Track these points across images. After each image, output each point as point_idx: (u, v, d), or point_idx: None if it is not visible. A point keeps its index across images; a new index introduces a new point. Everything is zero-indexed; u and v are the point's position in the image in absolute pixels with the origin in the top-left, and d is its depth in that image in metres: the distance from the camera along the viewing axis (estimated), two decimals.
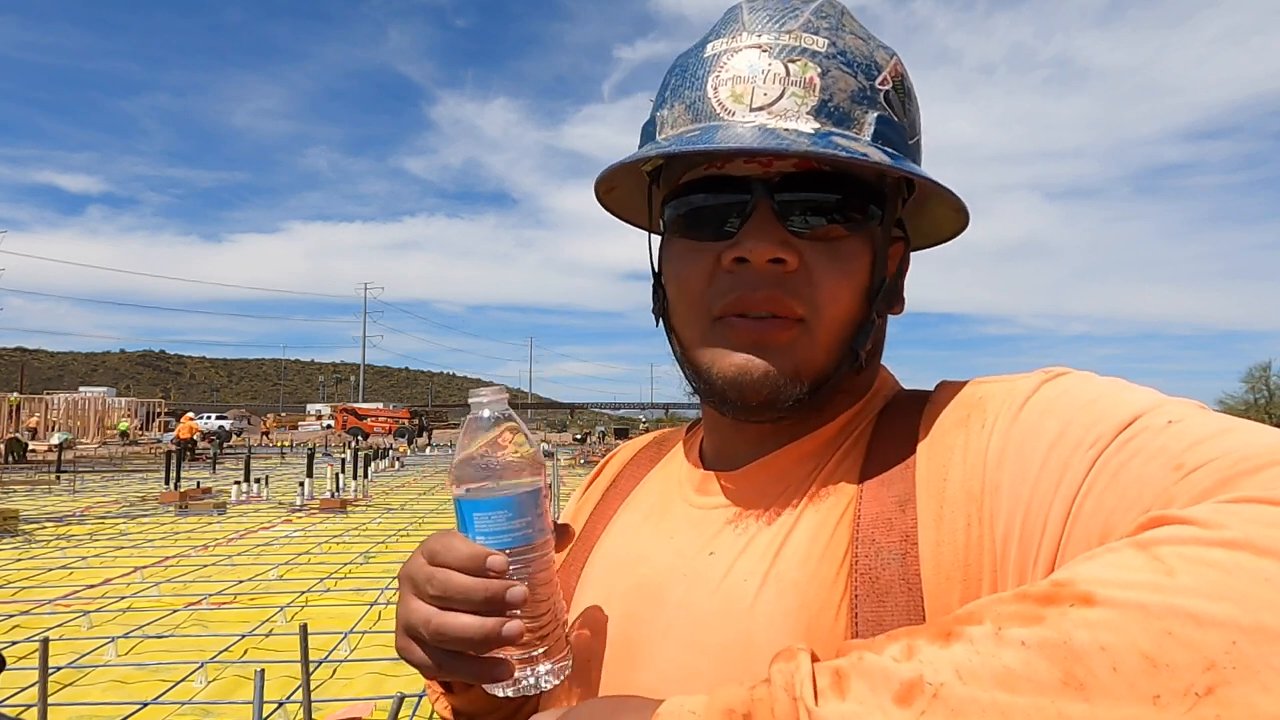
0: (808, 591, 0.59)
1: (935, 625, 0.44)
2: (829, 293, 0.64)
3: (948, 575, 0.55)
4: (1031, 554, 0.52)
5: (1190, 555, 0.39)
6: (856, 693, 0.42)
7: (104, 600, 7.32)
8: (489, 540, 0.58)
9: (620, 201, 0.80)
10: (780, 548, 0.62)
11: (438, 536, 0.61)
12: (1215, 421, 0.50)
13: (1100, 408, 0.55)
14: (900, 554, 0.57)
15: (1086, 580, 0.41)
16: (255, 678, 3.73)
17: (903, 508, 0.59)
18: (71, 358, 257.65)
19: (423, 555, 0.61)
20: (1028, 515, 0.53)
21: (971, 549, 0.55)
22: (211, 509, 13.82)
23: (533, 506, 0.60)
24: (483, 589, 0.57)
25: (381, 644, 6.04)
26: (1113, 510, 0.49)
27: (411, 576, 0.61)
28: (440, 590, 0.57)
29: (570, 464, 27.60)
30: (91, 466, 24.36)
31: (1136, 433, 0.51)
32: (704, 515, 0.69)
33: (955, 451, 0.60)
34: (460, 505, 0.61)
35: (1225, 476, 0.44)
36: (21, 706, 4.69)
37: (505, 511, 0.59)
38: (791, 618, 0.58)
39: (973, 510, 0.56)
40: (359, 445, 31.73)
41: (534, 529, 0.60)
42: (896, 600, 0.56)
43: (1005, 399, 0.60)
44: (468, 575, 0.57)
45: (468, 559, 0.58)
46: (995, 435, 0.58)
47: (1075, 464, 0.52)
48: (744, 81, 0.63)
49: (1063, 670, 0.38)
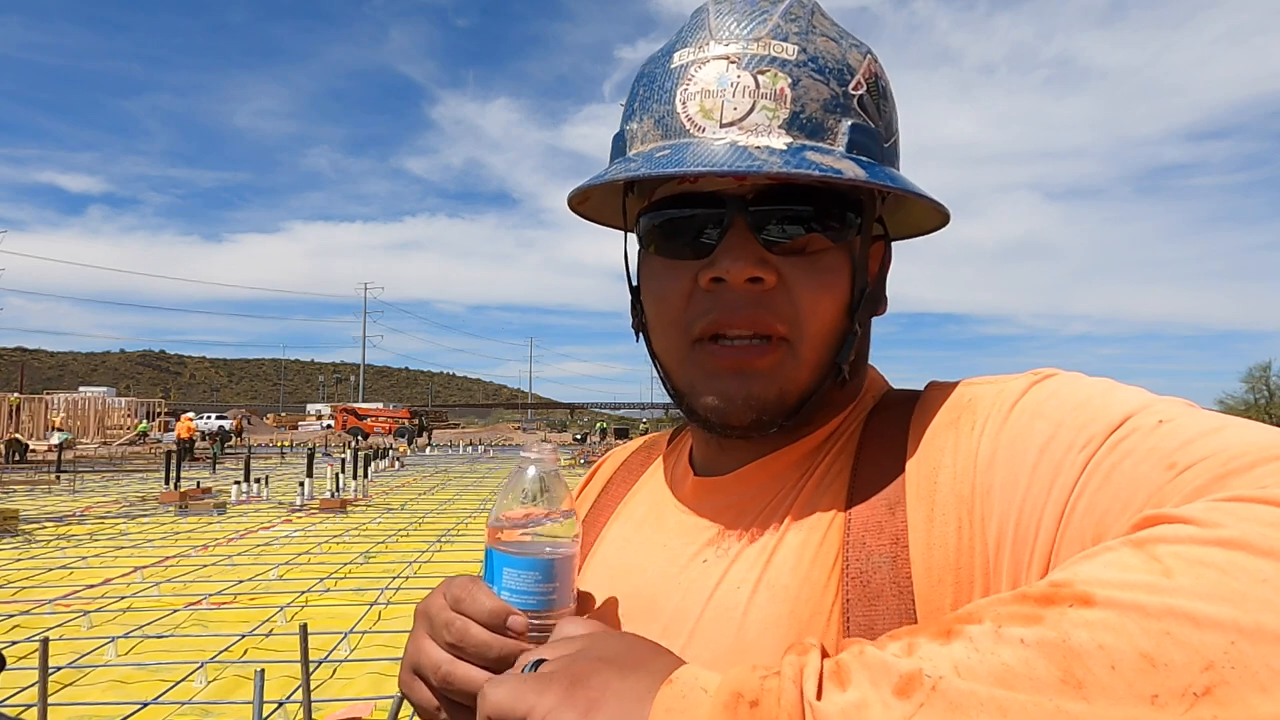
0: (799, 597, 0.59)
1: (936, 624, 0.45)
2: (810, 308, 0.63)
3: (939, 578, 0.55)
4: (1025, 557, 0.52)
5: (1187, 555, 0.40)
6: (857, 684, 0.42)
7: (104, 600, 7.32)
8: (513, 598, 0.58)
9: (595, 207, 0.79)
10: (771, 554, 0.62)
11: (463, 582, 0.61)
12: (1206, 420, 0.50)
13: (1091, 409, 0.54)
14: (891, 557, 0.57)
15: (1085, 580, 0.41)
16: (255, 678, 3.74)
17: (893, 511, 0.59)
18: (71, 358, 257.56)
19: (444, 596, 0.60)
20: (1020, 518, 0.53)
21: (963, 551, 0.55)
22: (211, 509, 13.82)
23: (563, 573, 0.60)
24: (499, 647, 0.56)
25: (381, 644, 6.04)
26: (1106, 511, 0.49)
27: (429, 616, 0.60)
28: (456, 639, 0.57)
29: (570, 464, 27.59)
30: (91, 466, 24.38)
31: (1128, 433, 0.51)
32: (695, 523, 0.69)
33: (945, 454, 0.60)
34: (491, 556, 0.60)
35: (1218, 475, 0.45)
36: (21, 706, 4.69)
37: (535, 574, 0.58)
38: (783, 624, 0.58)
39: (963, 513, 0.56)
40: (359, 445, 31.76)
41: (559, 595, 0.59)
42: (888, 603, 0.56)
43: (994, 401, 0.60)
44: (486, 630, 0.57)
45: (489, 614, 0.57)
46: (985, 438, 0.58)
47: (1067, 466, 0.52)
48: (713, 96, 0.61)
49: (1061, 669, 0.38)
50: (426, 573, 8.62)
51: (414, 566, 8.87)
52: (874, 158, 0.63)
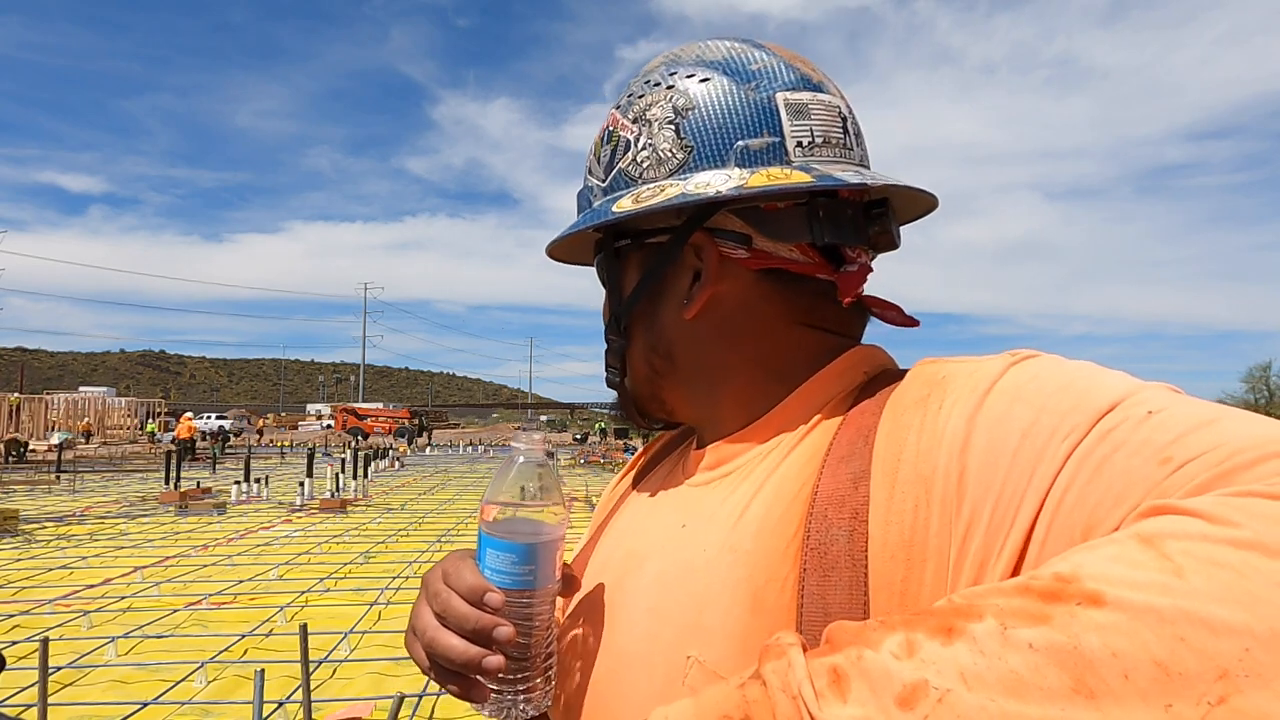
0: (758, 563, 0.59)
1: (933, 616, 0.43)
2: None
3: (892, 555, 0.54)
4: (997, 544, 0.50)
5: (1199, 554, 0.39)
6: (858, 695, 0.41)
7: (104, 600, 7.32)
8: (493, 576, 0.63)
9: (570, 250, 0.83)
10: (738, 519, 0.64)
11: (455, 557, 0.67)
12: (1197, 410, 0.48)
13: (1074, 394, 0.52)
14: (849, 530, 0.57)
15: (1093, 576, 0.40)
16: (255, 678, 3.73)
17: (856, 485, 0.58)
18: (71, 358, 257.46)
19: (441, 568, 0.66)
20: (997, 505, 0.51)
21: (917, 529, 0.54)
22: (211, 509, 13.82)
23: (543, 556, 0.64)
24: (474, 620, 0.61)
25: (381, 644, 6.04)
26: (1097, 504, 0.47)
27: (427, 584, 0.67)
28: (440, 609, 0.63)
29: (570, 464, 27.58)
30: (91, 466, 24.37)
31: (1116, 423, 0.49)
32: (686, 490, 0.72)
33: (911, 431, 0.58)
34: (480, 536, 0.65)
35: (1220, 471, 0.43)
36: (21, 706, 4.69)
37: (514, 555, 0.63)
38: (741, 588, 0.59)
39: (921, 492, 0.55)
40: (359, 445, 31.75)
41: (538, 577, 0.63)
42: (841, 576, 0.55)
43: (968, 380, 0.58)
44: (466, 603, 0.62)
45: (468, 589, 0.62)
46: (954, 418, 0.56)
47: (1050, 454, 0.50)
48: None
49: (1073, 677, 0.37)
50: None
51: (414, 566, 8.85)
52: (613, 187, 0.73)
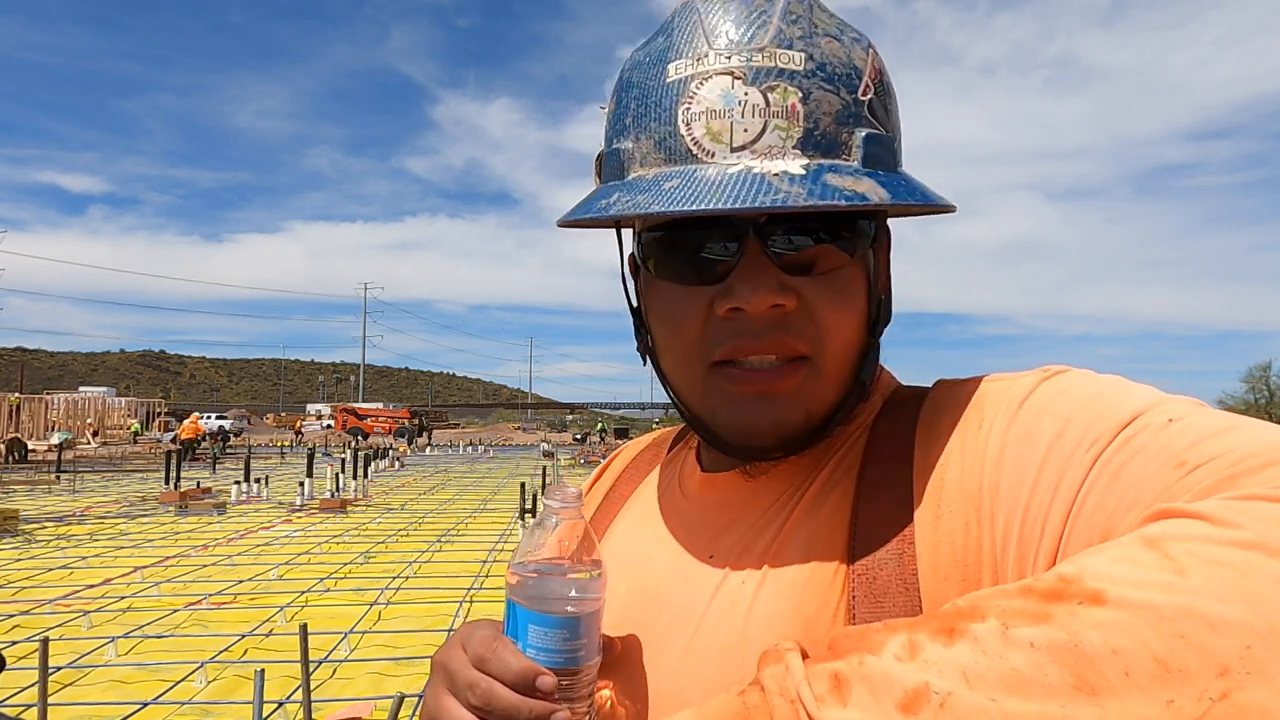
0: (805, 592, 0.59)
1: (936, 618, 0.44)
2: (831, 328, 0.61)
3: (945, 575, 0.55)
4: (1031, 554, 0.52)
5: (1201, 554, 0.39)
6: (858, 699, 0.41)
7: (104, 600, 7.32)
8: (539, 656, 0.56)
9: None
10: (778, 550, 0.62)
11: (484, 638, 0.58)
12: (1216, 419, 0.50)
13: (1100, 406, 0.54)
14: (897, 554, 0.57)
15: (1095, 576, 0.40)
16: (255, 678, 3.74)
17: (899, 508, 0.59)
18: (71, 358, 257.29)
19: (465, 651, 0.58)
20: (1027, 515, 0.53)
21: (970, 549, 0.55)
22: (211, 509, 13.82)
23: (591, 628, 0.57)
24: (528, 710, 0.54)
25: (381, 644, 6.04)
26: (1114, 509, 0.48)
27: (450, 671, 0.58)
28: (483, 702, 0.55)
29: (570, 464, 27.59)
30: (91, 466, 24.37)
31: (1137, 431, 0.50)
32: (704, 517, 0.69)
33: (953, 451, 0.59)
34: (514, 609, 0.57)
35: (1229, 474, 0.44)
36: (21, 706, 4.69)
37: (563, 632, 0.56)
38: (788, 619, 0.58)
39: (970, 510, 0.56)
40: (359, 445, 31.75)
41: (587, 650, 0.57)
42: (894, 600, 0.55)
43: (1003, 398, 0.60)
44: (513, 692, 0.55)
45: (517, 675, 0.54)
46: (993, 435, 0.58)
47: (1075, 464, 0.52)
48: (720, 117, 0.58)
49: (1074, 674, 0.37)
50: (426, 573, 8.62)
51: (414, 566, 8.86)
52: (888, 166, 0.61)
